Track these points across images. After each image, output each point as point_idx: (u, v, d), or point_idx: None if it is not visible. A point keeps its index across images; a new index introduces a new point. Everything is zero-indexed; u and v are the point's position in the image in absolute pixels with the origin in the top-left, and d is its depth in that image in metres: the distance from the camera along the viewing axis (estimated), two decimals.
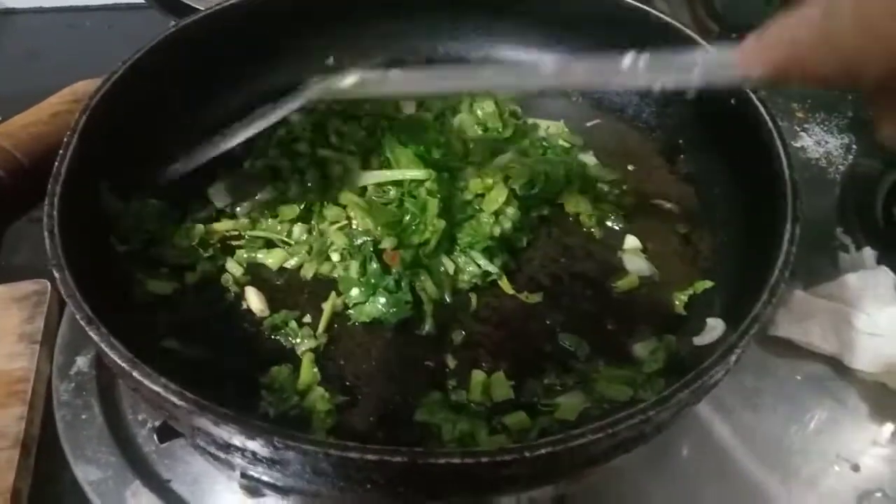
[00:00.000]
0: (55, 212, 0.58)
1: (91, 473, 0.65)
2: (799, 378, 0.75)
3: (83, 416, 0.68)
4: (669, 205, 0.79)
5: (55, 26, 1.22)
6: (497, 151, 0.79)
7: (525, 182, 0.75)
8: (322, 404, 0.60)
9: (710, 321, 0.64)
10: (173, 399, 0.47)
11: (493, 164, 0.77)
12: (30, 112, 0.80)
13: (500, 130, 0.83)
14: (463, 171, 0.76)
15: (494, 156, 0.79)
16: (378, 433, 0.60)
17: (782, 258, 0.56)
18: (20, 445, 0.67)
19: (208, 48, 0.80)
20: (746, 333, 0.52)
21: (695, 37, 0.76)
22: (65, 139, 0.64)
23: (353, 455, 0.44)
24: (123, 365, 0.49)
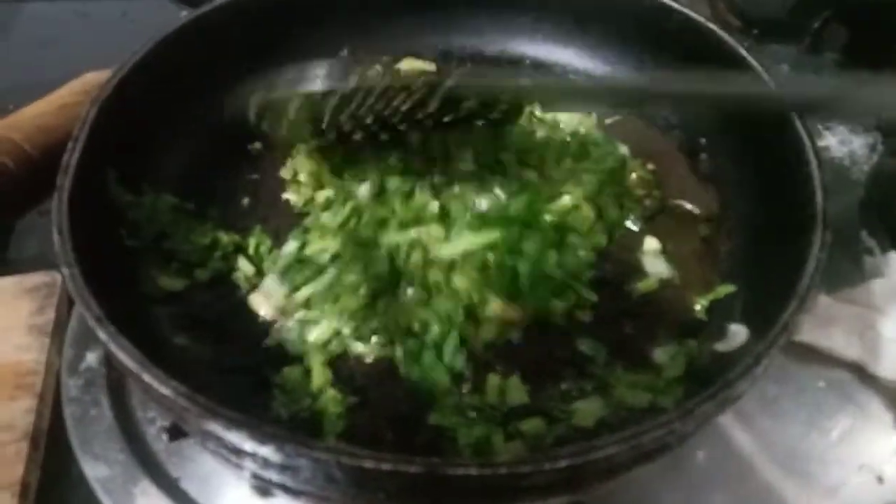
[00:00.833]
0: (64, 207, 0.57)
1: (99, 470, 0.64)
2: (821, 385, 0.73)
3: (92, 413, 0.67)
4: (690, 206, 0.77)
5: (65, 14, 1.21)
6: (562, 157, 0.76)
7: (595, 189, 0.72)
8: (334, 406, 0.59)
9: (733, 327, 0.62)
10: (183, 403, 0.46)
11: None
12: (39, 103, 0.79)
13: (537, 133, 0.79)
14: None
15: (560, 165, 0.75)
16: (390, 436, 0.59)
17: (812, 265, 0.54)
18: (29, 438, 0.67)
19: (222, 38, 0.79)
20: (775, 343, 0.51)
21: (719, 32, 0.75)
22: (74, 132, 0.63)
23: (368, 464, 0.43)
24: (133, 367, 0.48)
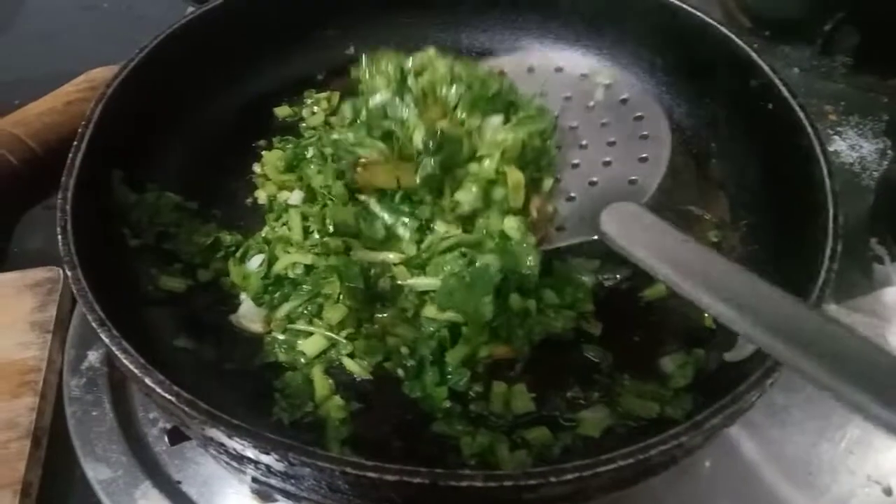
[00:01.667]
0: (68, 206, 0.57)
1: (101, 472, 0.64)
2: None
3: (94, 413, 0.67)
4: (699, 211, 0.76)
5: (70, 8, 1.20)
6: None
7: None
8: (337, 412, 0.58)
9: (742, 337, 0.61)
10: (185, 408, 0.45)
11: None
12: (44, 100, 0.78)
13: None
14: None
15: None
16: (395, 443, 0.58)
17: (822, 276, 0.53)
18: (31, 436, 0.66)
19: (228, 36, 0.78)
20: None
21: (730, 35, 0.73)
22: (80, 130, 0.62)
23: (372, 475, 0.42)
24: (135, 370, 0.47)
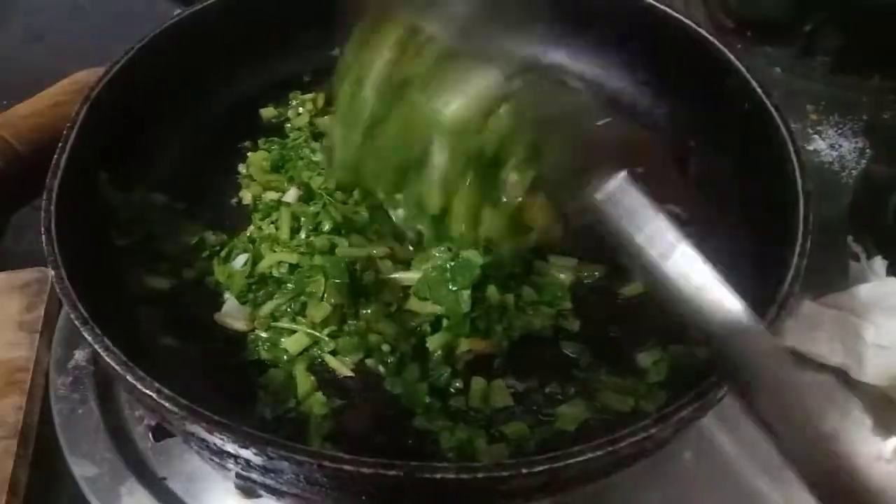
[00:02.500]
0: (52, 207, 0.57)
1: (87, 469, 0.64)
2: None
3: (80, 411, 0.68)
4: (678, 209, 0.77)
5: (58, 8, 1.21)
6: None
7: None
8: (319, 408, 0.59)
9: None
10: (166, 404, 0.46)
11: None
12: (30, 102, 0.79)
13: None
14: None
15: None
16: (376, 438, 0.59)
17: (792, 273, 0.54)
18: (18, 435, 0.67)
19: (214, 37, 0.79)
20: None
21: (708, 36, 0.74)
22: (65, 132, 0.63)
23: (348, 468, 0.43)
24: (117, 367, 0.48)
